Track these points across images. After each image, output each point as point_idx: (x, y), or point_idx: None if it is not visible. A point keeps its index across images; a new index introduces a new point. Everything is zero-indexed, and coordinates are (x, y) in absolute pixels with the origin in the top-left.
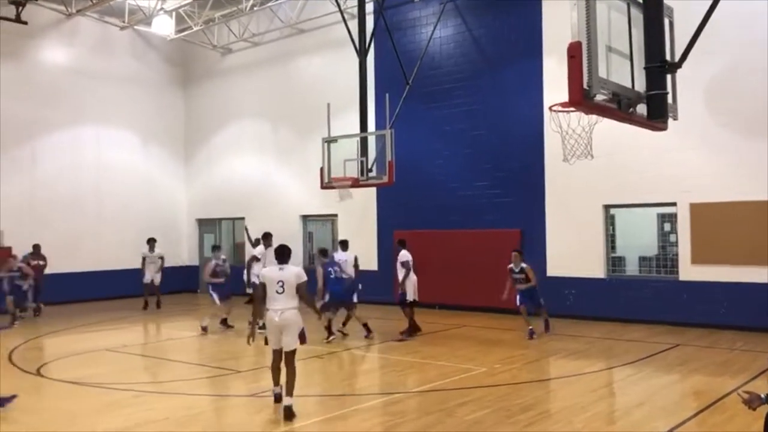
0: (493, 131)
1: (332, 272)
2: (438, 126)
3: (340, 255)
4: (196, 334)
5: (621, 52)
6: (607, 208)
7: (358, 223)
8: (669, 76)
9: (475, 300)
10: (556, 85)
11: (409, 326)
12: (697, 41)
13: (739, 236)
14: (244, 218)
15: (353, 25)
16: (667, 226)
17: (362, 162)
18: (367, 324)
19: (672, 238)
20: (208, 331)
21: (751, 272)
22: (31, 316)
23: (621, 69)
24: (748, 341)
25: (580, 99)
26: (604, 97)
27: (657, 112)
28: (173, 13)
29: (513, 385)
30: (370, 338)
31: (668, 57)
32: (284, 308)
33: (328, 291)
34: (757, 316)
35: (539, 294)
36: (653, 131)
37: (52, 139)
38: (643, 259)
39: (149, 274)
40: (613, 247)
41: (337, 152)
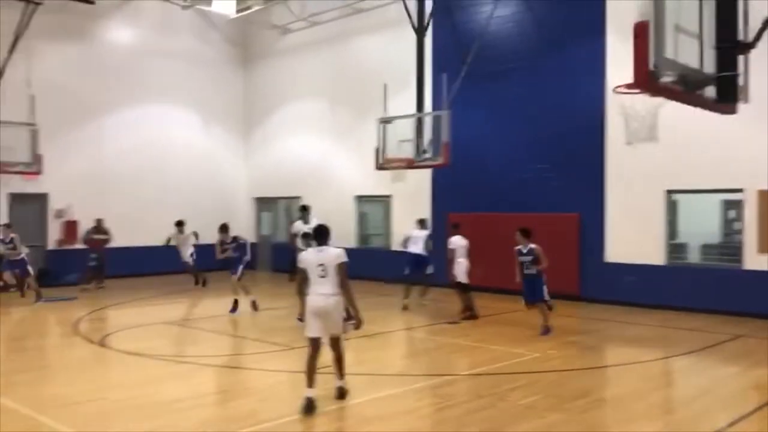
0: (553, 113)
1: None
2: (495, 107)
3: (417, 232)
4: (251, 311)
5: (689, 32)
6: (669, 193)
7: (412, 204)
8: (741, 57)
9: None
10: (619, 66)
11: (463, 309)
12: None
13: None
14: (300, 197)
15: (412, 5)
16: (732, 213)
17: (417, 143)
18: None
19: (737, 225)
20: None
21: None
22: (94, 289)
23: (689, 49)
24: None
25: (646, 80)
26: (671, 79)
27: (726, 94)
28: None
29: (567, 371)
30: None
31: (740, 36)
32: (328, 293)
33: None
34: None
35: (543, 283)
36: (721, 114)
37: (116, 117)
38: (705, 247)
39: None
40: (674, 234)
41: (393, 133)
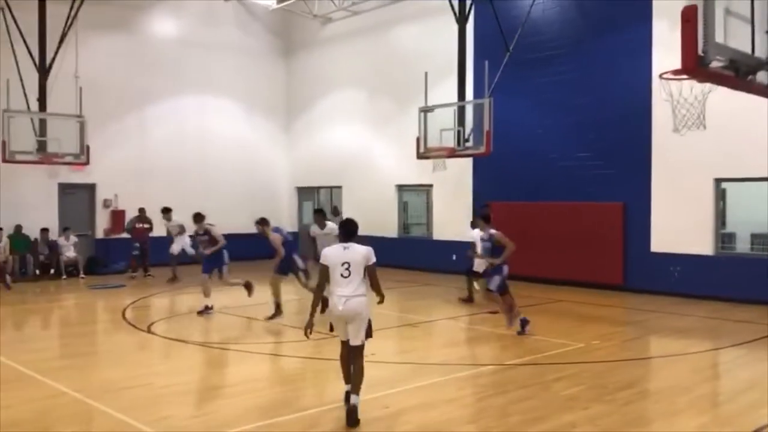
0: (597, 100)
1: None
2: (538, 95)
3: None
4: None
5: (741, 15)
6: (718, 181)
7: (453, 193)
8: None
9: (573, 274)
10: (666, 52)
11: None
12: None
13: None
14: (341, 187)
15: None
16: None
17: (459, 131)
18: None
19: None
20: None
21: None
22: (141, 277)
23: (740, 34)
24: None
25: (694, 66)
26: (721, 64)
27: None
28: None
29: (611, 362)
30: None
31: None
32: (350, 295)
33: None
34: None
35: (503, 273)
36: None
37: (160, 108)
38: (755, 237)
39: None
40: (723, 223)
41: (434, 122)
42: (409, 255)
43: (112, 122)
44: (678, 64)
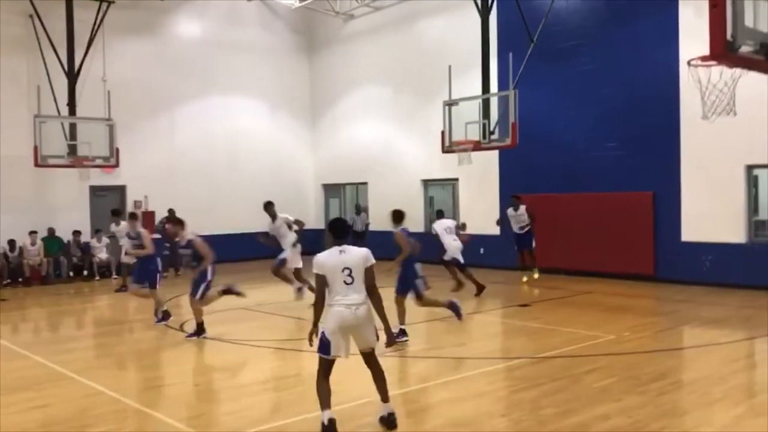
0: (624, 88)
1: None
2: (563, 85)
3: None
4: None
5: None
6: (750, 168)
7: (480, 186)
8: None
9: (603, 265)
10: (693, 37)
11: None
12: None
13: None
14: (366, 183)
15: None
16: None
17: (484, 124)
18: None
19: None
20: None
21: None
22: (172, 276)
23: None
24: None
25: (723, 51)
26: (750, 49)
27: None
28: None
29: (643, 354)
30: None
31: None
32: (360, 303)
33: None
34: None
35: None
36: None
37: (187, 109)
38: None
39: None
40: (756, 211)
41: (459, 115)
42: (436, 249)
43: (140, 124)
44: (706, 50)
